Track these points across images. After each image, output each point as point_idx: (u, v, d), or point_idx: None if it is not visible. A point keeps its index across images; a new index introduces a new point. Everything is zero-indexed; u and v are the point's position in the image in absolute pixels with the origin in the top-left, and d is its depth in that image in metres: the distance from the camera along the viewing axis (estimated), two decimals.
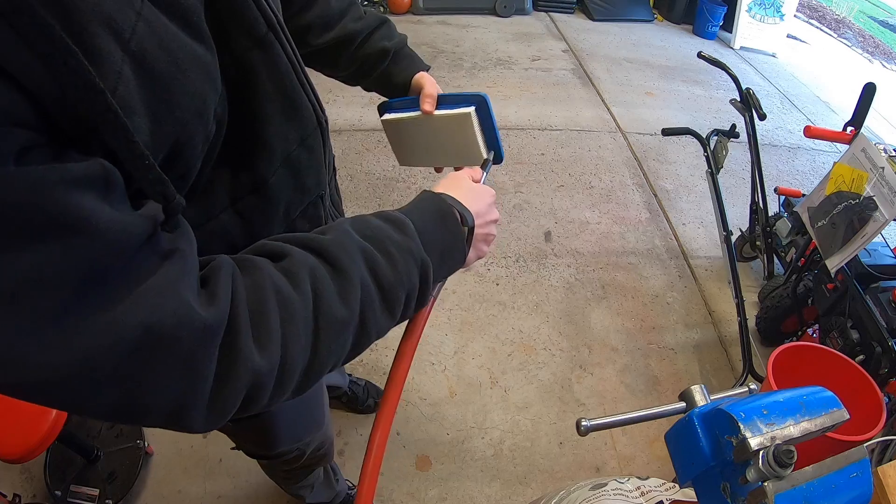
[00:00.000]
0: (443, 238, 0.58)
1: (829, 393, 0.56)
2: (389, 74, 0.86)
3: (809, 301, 1.81)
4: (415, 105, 0.84)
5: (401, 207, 0.59)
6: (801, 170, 3.19)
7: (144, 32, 0.36)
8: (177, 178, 0.44)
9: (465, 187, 0.64)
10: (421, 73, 0.86)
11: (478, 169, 0.73)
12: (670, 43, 4.54)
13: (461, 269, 0.64)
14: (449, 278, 0.65)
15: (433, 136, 0.86)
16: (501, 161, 0.85)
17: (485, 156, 0.84)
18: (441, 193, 0.61)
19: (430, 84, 0.84)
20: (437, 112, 0.82)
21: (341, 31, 0.80)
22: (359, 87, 0.92)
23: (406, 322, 0.64)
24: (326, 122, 0.64)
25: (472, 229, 0.61)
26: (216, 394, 0.40)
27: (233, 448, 0.98)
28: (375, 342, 0.54)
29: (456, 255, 0.60)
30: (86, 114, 0.32)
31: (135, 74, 0.35)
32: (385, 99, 0.90)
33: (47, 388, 0.34)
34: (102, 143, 0.34)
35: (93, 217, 0.32)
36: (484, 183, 0.71)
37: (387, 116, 0.88)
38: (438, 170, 0.92)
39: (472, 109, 0.80)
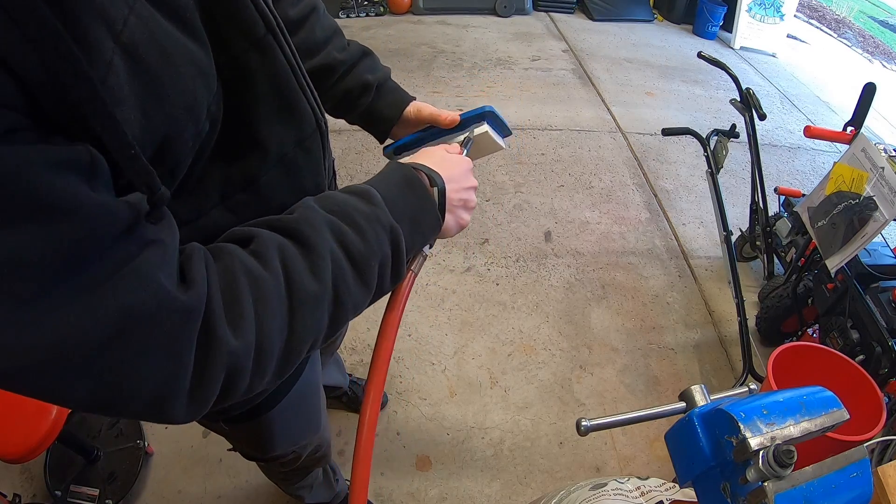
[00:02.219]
0: (411, 203, 0.57)
1: (829, 393, 0.56)
2: (374, 109, 0.83)
3: (809, 301, 1.81)
4: (424, 140, 0.82)
5: (367, 180, 0.58)
6: (801, 170, 3.19)
7: (136, 26, 0.36)
8: (166, 173, 0.44)
9: (437, 156, 0.65)
10: (415, 101, 0.84)
11: (456, 145, 0.73)
12: (670, 43, 4.54)
13: (442, 238, 0.64)
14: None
15: None
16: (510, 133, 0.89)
17: (504, 146, 0.87)
18: (409, 162, 0.61)
19: (433, 108, 0.82)
20: (459, 138, 0.82)
21: (324, 59, 0.77)
22: None
23: (388, 298, 0.63)
24: (326, 125, 0.64)
25: (443, 192, 0.60)
26: (196, 381, 0.40)
27: (230, 449, 0.98)
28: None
29: (428, 220, 0.59)
30: (75, 101, 0.32)
31: (125, 66, 0.35)
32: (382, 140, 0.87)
33: (23, 374, 0.34)
34: (90, 133, 0.33)
35: (76, 200, 0.32)
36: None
37: (406, 160, 0.85)
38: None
39: (487, 127, 0.82)
